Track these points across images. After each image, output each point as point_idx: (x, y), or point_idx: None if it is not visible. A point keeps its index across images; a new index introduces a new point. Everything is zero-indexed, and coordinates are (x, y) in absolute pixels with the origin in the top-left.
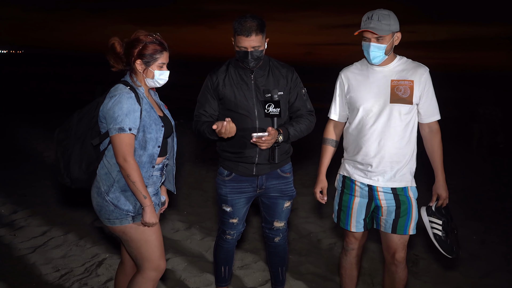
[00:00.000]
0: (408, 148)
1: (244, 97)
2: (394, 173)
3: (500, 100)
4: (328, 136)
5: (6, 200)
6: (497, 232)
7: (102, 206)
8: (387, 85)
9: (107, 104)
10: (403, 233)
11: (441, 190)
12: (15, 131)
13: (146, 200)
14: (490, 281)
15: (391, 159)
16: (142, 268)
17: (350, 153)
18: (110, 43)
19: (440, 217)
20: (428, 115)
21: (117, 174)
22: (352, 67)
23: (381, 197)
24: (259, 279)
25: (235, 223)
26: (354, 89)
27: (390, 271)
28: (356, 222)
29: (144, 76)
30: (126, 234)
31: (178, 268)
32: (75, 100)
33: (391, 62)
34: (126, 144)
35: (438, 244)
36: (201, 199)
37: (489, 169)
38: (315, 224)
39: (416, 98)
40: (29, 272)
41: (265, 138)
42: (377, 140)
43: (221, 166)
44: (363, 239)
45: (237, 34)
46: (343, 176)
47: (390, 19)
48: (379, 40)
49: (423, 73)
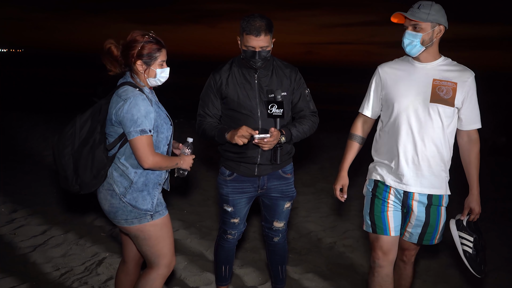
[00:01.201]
0: (446, 153)
1: (247, 97)
2: (431, 179)
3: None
4: (355, 132)
5: (6, 199)
6: (498, 233)
7: (119, 208)
8: (428, 84)
9: (123, 107)
10: (429, 244)
11: (474, 204)
12: (16, 130)
13: (175, 160)
14: (490, 280)
15: (428, 163)
16: (157, 264)
17: (383, 155)
18: (106, 47)
19: (471, 233)
20: (468, 122)
21: (134, 175)
22: (392, 62)
23: (414, 207)
24: (259, 278)
25: (236, 223)
26: (391, 85)
27: (398, 266)
28: (394, 225)
29: (145, 76)
30: (145, 232)
31: (178, 267)
32: (75, 100)
33: (434, 60)
34: (149, 145)
35: (468, 262)
36: (201, 198)
37: (489, 170)
38: (315, 223)
39: (458, 101)
40: (29, 271)
41: (267, 140)
42: (413, 140)
43: (223, 166)
44: (392, 253)
45: (245, 34)
46: (375, 180)
47: (431, 9)
48: (416, 29)
49: (469, 77)
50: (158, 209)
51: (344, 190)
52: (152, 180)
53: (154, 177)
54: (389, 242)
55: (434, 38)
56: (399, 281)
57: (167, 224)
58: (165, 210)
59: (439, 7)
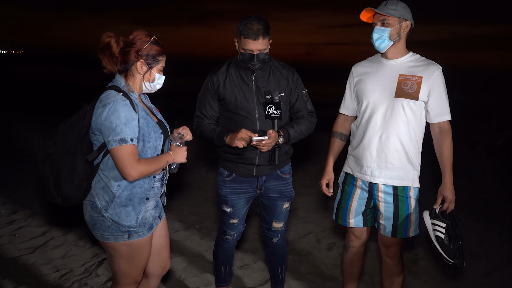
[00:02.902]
0: (411, 146)
1: (244, 98)
2: (395, 171)
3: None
4: (335, 129)
5: (6, 200)
6: (497, 232)
7: (97, 221)
8: (394, 79)
9: (102, 114)
10: (403, 236)
11: (447, 192)
12: (15, 131)
13: (164, 159)
14: (489, 280)
15: (392, 155)
16: (118, 282)
17: (353, 147)
18: (105, 40)
19: (444, 220)
20: (436, 115)
21: (117, 188)
22: (364, 61)
23: (381, 198)
24: (259, 279)
25: (235, 223)
26: (361, 81)
27: (386, 263)
28: (355, 218)
29: (143, 79)
30: (117, 251)
31: (178, 268)
32: (75, 100)
33: (402, 56)
34: (130, 155)
35: (440, 247)
36: (201, 199)
37: (489, 169)
38: (315, 224)
39: (423, 95)
40: (29, 272)
41: (265, 142)
42: (378, 134)
43: (222, 166)
44: (364, 236)
45: (243, 37)
46: (346, 173)
47: (397, 5)
48: (384, 24)
49: (434, 71)
50: (139, 229)
51: (330, 185)
52: (138, 195)
53: (141, 191)
54: (359, 228)
55: (401, 33)
56: (390, 278)
57: (143, 247)
58: (148, 231)
59: (404, 4)
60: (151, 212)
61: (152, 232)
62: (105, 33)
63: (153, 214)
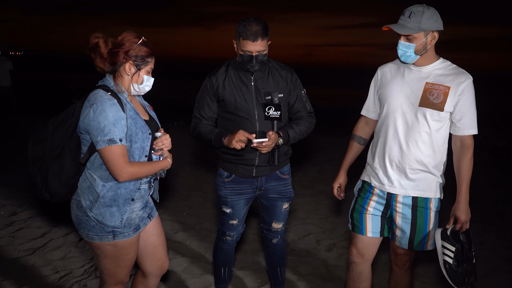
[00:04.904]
0: (434, 158)
1: (244, 99)
2: (415, 181)
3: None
4: (354, 132)
5: (6, 202)
6: (497, 234)
7: (82, 220)
8: (420, 87)
9: (89, 114)
10: (420, 249)
11: (459, 213)
12: (15, 133)
13: (161, 164)
14: (489, 281)
15: (412, 166)
16: (105, 282)
17: (373, 156)
18: (93, 41)
19: (454, 243)
20: (461, 127)
21: (101, 188)
22: (391, 63)
23: (398, 209)
24: (259, 280)
25: (235, 224)
26: (386, 84)
27: (394, 272)
28: (372, 226)
29: (131, 80)
30: (102, 251)
31: (177, 269)
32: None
33: (430, 63)
34: (120, 156)
35: (447, 273)
36: (200, 200)
37: (489, 171)
38: (314, 225)
39: (449, 106)
40: (29, 273)
41: (265, 143)
42: (398, 142)
43: (221, 167)
44: (368, 253)
45: (242, 38)
46: (363, 181)
47: (422, 16)
48: (408, 39)
49: (464, 81)
50: (124, 230)
51: (341, 189)
52: (123, 196)
53: (126, 192)
54: (364, 241)
55: (428, 45)
56: (397, 287)
57: (129, 247)
58: (134, 232)
59: (430, 12)
60: (138, 213)
61: (139, 233)
62: (94, 34)
63: (140, 215)
